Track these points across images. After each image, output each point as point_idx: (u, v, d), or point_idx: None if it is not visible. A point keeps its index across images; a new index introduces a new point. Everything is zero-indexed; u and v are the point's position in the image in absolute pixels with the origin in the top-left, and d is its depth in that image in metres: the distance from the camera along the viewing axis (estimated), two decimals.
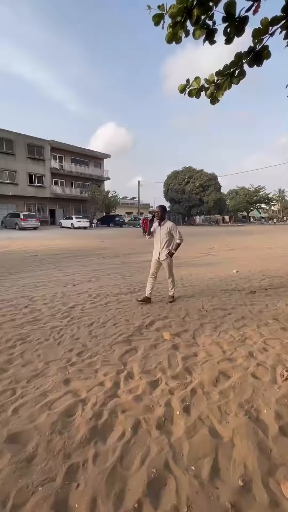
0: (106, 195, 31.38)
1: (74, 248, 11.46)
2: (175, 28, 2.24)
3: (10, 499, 1.27)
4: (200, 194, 37.37)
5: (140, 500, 1.27)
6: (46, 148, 29.28)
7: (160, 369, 2.41)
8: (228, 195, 50.91)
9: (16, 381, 2.21)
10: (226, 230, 29.64)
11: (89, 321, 3.54)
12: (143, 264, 7.91)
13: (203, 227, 37.41)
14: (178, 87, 2.51)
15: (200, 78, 2.46)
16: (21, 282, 5.55)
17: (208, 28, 2.21)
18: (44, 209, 30.60)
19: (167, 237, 4.09)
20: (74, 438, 1.64)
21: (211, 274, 6.55)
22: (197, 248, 12.30)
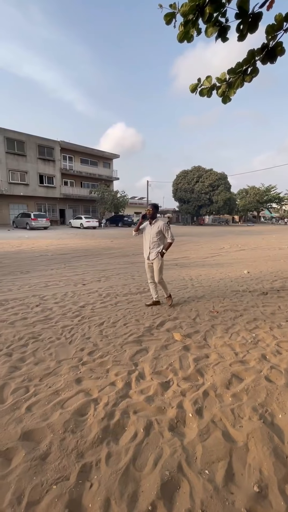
0: (115, 195, 31.48)
1: (83, 248, 11.56)
2: (186, 27, 2.22)
3: (25, 496, 1.29)
4: (210, 194, 37.01)
5: (154, 502, 1.26)
6: (56, 149, 29.65)
7: (171, 370, 2.40)
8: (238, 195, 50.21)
9: (29, 379, 2.24)
10: (236, 230, 29.25)
11: (99, 320, 3.55)
12: None
13: (213, 227, 37.04)
14: (189, 87, 2.48)
15: (212, 76, 2.43)
16: (32, 281, 5.64)
17: (220, 26, 2.19)
18: (54, 209, 31.00)
19: (158, 236, 3.87)
20: (87, 437, 1.65)
21: (221, 275, 6.47)
22: (207, 248, 12.18)
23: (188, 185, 38.20)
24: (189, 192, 38.05)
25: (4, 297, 4.51)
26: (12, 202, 27.27)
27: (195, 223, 42.02)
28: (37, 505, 1.25)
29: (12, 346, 2.81)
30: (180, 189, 38.75)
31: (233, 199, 39.52)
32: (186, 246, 13.01)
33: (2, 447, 1.57)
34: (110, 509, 1.24)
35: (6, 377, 2.27)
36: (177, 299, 4.53)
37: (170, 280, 5.86)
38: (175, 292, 4.96)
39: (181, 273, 6.64)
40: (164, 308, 4.06)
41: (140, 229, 4.01)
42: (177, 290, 5.06)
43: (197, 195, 37.37)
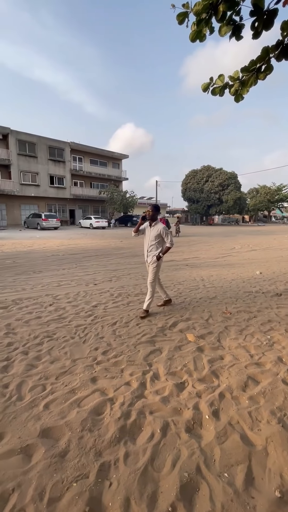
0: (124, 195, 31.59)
1: (93, 248, 11.65)
2: (199, 26, 2.20)
3: (46, 492, 1.31)
4: (219, 193, 36.61)
5: (174, 503, 1.26)
6: (66, 150, 30.01)
7: (186, 371, 2.39)
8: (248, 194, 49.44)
9: (46, 378, 2.28)
10: (246, 230, 28.83)
11: (112, 320, 3.58)
12: (162, 265, 7.87)
13: (222, 227, 36.63)
14: (201, 86, 2.46)
15: (224, 75, 2.40)
16: (45, 281, 5.73)
17: (234, 24, 2.16)
18: (64, 210, 31.38)
19: (156, 240, 3.66)
20: (104, 436, 1.66)
21: (233, 275, 6.39)
22: (217, 248, 12.05)
23: (197, 184, 37.91)
24: (199, 191, 37.75)
25: (19, 296, 4.60)
26: (23, 203, 27.78)
27: (204, 223, 41.67)
28: (58, 502, 1.27)
29: (28, 345, 2.86)
30: (189, 189, 38.50)
31: (243, 199, 38.94)
32: (196, 246, 12.92)
33: (22, 443, 1.60)
34: (130, 508, 1.25)
35: (23, 374, 2.31)
36: (189, 299, 4.51)
37: (181, 281, 5.84)
38: (187, 292, 4.93)
39: (192, 274, 6.60)
40: (176, 309, 4.04)
41: (140, 230, 3.82)
42: (189, 291, 5.03)
43: (206, 195, 37.03)
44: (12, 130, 25.44)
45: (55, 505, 1.26)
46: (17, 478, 1.38)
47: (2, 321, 3.49)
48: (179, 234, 19.09)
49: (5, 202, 26.37)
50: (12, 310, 3.92)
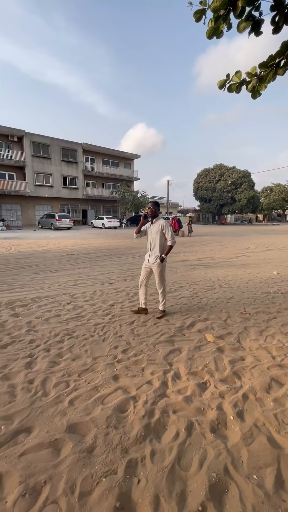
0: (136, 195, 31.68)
1: (107, 248, 11.76)
2: (217, 23, 2.17)
3: (77, 486, 1.34)
4: (232, 192, 36.05)
5: (204, 503, 1.26)
6: (79, 151, 30.42)
7: (207, 371, 2.37)
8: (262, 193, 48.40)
9: (69, 374, 2.33)
10: (260, 229, 28.24)
11: (129, 319, 3.60)
12: (176, 265, 7.85)
13: (235, 226, 36.04)
14: (218, 83, 2.43)
15: (241, 71, 2.36)
16: (61, 280, 5.83)
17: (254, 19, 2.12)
18: (77, 210, 31.84)
19: (158, 236, 3.52)
20: (130, 434, 1.68)
21: (250, 276, 6.28)
22: (231, 248, 11.88)
23: (209, 183, 37.48)
24: (211, 190, 37.32)
25: (37, 294, 4.71)
26: (37, 204, 28.39)
27: (216, 222, 41.15)
28: (89, 496, 1.30)
29: (49, 342, 2.93)
30: (202, 188, 38.12)
31: (257, 197, 38.18)
32: (209, 246, 12.78)
33: (50, 437, 1.64)
34: (160, 506, 1.26)
35: (47, 371, 2.37)
36: (206, 300, 4.47)
37: (196, 280, 5.80)
38: (203, 292, 4.89)
39: (207, 274, 6.54)
40: (193, 309, 4.02)
41: (142, 230, 3.68)
42: (205, 291, 4.99)
43: (219, 194, 36.56)
44: (26, 132, 26.05)
45: (86, 499, 1.28)
46: (48, 471, 1.42)
47: (23, 318, 3.59)
48: (191, 234, 18.96)
49: (20, 203, 27.05)
50: (32, 308, 4.02)
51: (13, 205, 26.76)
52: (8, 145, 25.86)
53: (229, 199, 36.32)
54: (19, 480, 1.37)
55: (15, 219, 26.65)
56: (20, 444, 1.60)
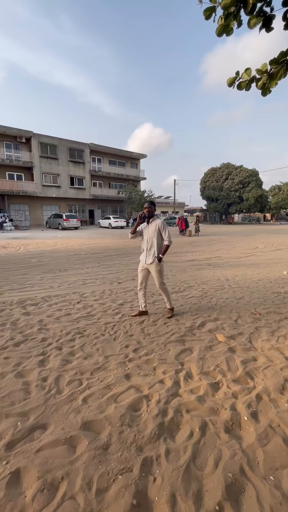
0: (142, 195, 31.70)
1: (114, 247, 11.81)
2: (227, 20, 2.16)
3: (94, 483, 1.35)
4: (240, 191, 35.67)
5: (221, 503, 1.26)
6: (86, 151, 30.61)
7: (219, 371, 2.36)
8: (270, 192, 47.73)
9: (81, 373, 2.35)
10: (268, 228, 27.88)
11: (139, 319, 3.61)
12: (184, 264, 7.83)
13: (243, 225, 35.68)
14: (227, 81, 2.41)
15: (251, 68, 2.34)
16: (70, 279, 5.89)
17: (265, 15, 2.09)
18: (83, 210, 32.06)
19: (155, 235, 3.47)
20: (144, 432, 1.69)
21: (259, 276, 6.21)
22: (240, 248, 11.77)
23: (216, 182, 37.19)
24: (218, 190, 37.01)
25: (47, 293, 4.77)
26: (45, 204, 28.70)
27: (224, 221, 40.80)
28: (106, 493, 1.31)
29: (61, 340, 2.96)
30: (208, 187, 37.85)
31: (265, 196, 37.69)
32: (217, 245, 12.70)
33: (66, 434, 1.66)
34: (177, 504, 1.26)
35: (59, 369, 2.40)
36: (215, 299, 4.45)
37: (205, 280, 5.77)
38: (212, 292, 4.87)
39: (215, 273, 6.50)
40: (203, 309, 4.01)
41: (137, 230, 3.60)
42: (214, 291, 4.96)
43: (226, 193, 36.23)
44: (34, 133, 26.34)
45: (103, 496, 1.30)
46: (64, 467, 1.44)
47: (35, 317, 3.64)
48: (198, 233, 18.85)
49: (28, 203, 27.40)
50: (43, 307, 4.07)
51: (22, 205, 27.13)
52: (16, 146, 26.23)
53: (236, 198, 35.96)
54: (37, 476, 1.39)
55: (24, 219, 27.00)
56: (36, 440, 1.63)
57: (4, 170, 25.82)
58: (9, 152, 25.61)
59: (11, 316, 3.65)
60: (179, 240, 15.20)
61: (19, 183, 25.51)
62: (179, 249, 11.33)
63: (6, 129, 24.70)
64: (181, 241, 14.89)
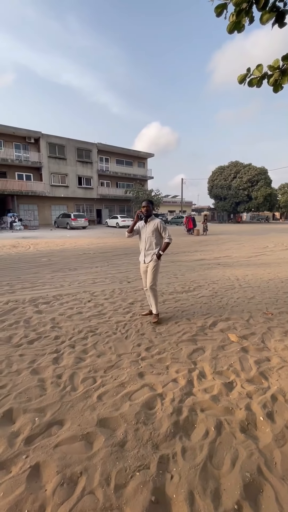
0: (150, 194, 31.68)
1: (122, 246, 11.84)
2: (239, 16, 2.13)
3: (112, 479, 1.37)
4: (248, 190, 35.25)
5: (239, 502, 1.26)
6: (93, 151, 30.78)
7: (232, 371, 2.35)
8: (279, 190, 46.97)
9: (95, 370, 2.38)
10: (278, 227, 27.45)
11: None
12: (193, 264, 7.80)
13: (251, 224, 35.23)
14: (238, 78, 2.38)
15: (263, 65, 2.31)
16: (80, 278, 5.95)
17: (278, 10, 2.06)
18: (91, 209, 32.27)
19: (154, 235, 3.40)
20: (159, 430, 1.70)
21: (270, 275, 6.13)
22: (249, 247, 11.63)
23: (224, 181, 36.84)
24: (226, 188, 36.65)
25: (58, 292, 4.83)
26: (53, 204, 29.02)
27: (232, 220, 40.38)
28: (124, 489, 1.33)
29: (73, 338, 3.00)
30: (216, 186, 37.53)
31: (274, 195, 37.10)
32: (226, 244, 12.58)
33: (83, 430, 1.69)
34: (195, 502, 1.27)
35: (73, 367, 2.44)
36: (226, 299, 4.42)
37: (215, 280, 5.74)
38: (222, 292, 4.84)
39: (225, 273, 6.45)
40: (214, 308, 3.99)
41: (135, 229, 3.54)
42: (224, 290, 4.93)
43: (234, 192, 35.85)
44: (43, 134, 26.64)
45: (121, 491, 1.31)
46: (82, 462, 1.47)
47: (47, 315, 3.70)
48: (206, 233, 18.73)
49: (36, 203, 27.75)
50: (54, 305, 4.13)
51: (31, 205, 27.50)
52: (25, 146, 26.59)
53: (245, 197, 35.55)
54: (56, 470, 1.42)
55: (32, 218, 27.36)
56: (54, 436, 1.66)
57: (14, 170, 26.22)
58: (18, 152, 26.00)
59: (24, 314, 3.72)
60: (187, 239, 15.13)
61: (28, 183, 25.86)
62: (187, 248, 11.28)
63: (15, 130, 25.06)
64: (189, 240, 14.82)
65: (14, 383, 2.17)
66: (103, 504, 1.25)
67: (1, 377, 2.26)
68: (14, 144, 25.98)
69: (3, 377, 2.25)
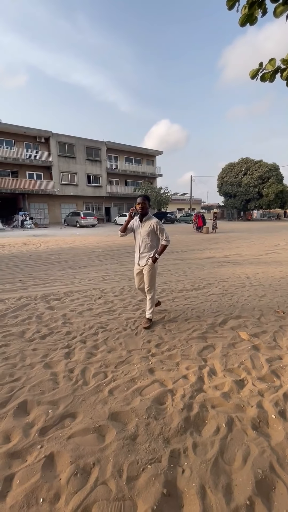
0: (158, 192, 31.58)
1: (131, 244, 11.84)
2: (251, 9, 2.09)
3: (124, 471, 1.40)
4: (259, 187, 34.60)
5: (251, 498, 1.26)
6: (102, 149, 30.89)
7: (243, 369, 2.34)
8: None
9: (106, 366, 2.41)
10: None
11: (160, 315, 3.63)
12: (202, 262, 7.74)
13: (262, 222, 34.61)
14: (250, 73, 2.34)
15: (275, 59, 2.26)
16: (90, 275, 6.02)
17: None
18: (100, 208, 32.46)
19: (149, 237, 3.12)
20: (170, 425, 1.71)
21: (282, 273, 6.03)
22: (260, 245, 11.45)
23: (234, 178, 36.29)
24: (236, 185, 36.11)
25: (69, 289, 4.91)
26: (63, 202, 29.34)
27: (242, 218, 39.78)
28: (136, 481, 1.35)
29: (84, 334, 3.04)
30: (226, 183, 37.03)
31: (286, 192, 36.26)
32: (236, 242, 12.42)
33: (95, 423, 1.72)
34: (207, 496, 1.28)
35: (85, 361, 2.48)
36: (236, 297, 4.38)
37: (225, 278, 5.69)
38: (233, 290, 4.79)
39: (235, 271, 6.38)
40: (224, 306, 3.96)
41: (128, 228, 3.24)
42: (235, 288, 4.88)
43: (244, 189, 35.28)
44: (53, 133, 26.92)
45: (133, 483, 1.34)
46: (95, 454, 1.50)
47: (58, 311, 3.77)
48: (216, 230, 18.54)
49: (47, 202, 28.14)
50: (65, 301, 4.20)
51: (41, 204, 27.90)
52: (36, 146, 26.95)
53: (255, 194, 34.92)
54: (70, 460, 1.46)
55: (43, 217, 27.77)
56: (67, 428, 1.70)
57: (25, 170, 26.64)
58: (29, 152, 26.37)
59: (36, 310, 3.80)
60: (197, 237, 15.02)
61: (38, 182, 26.23)
62: (196, 246, 11.20)
63: (26, 130, 25.43)
64: (199, 238, 14.71)
65: (28, 376, 2.23)
66: (116, 494, 1.28)
67: (15, 370, 2.33)
68: (25, 144, 26.36)
69: (17, 370, 2.32)
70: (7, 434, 1.65)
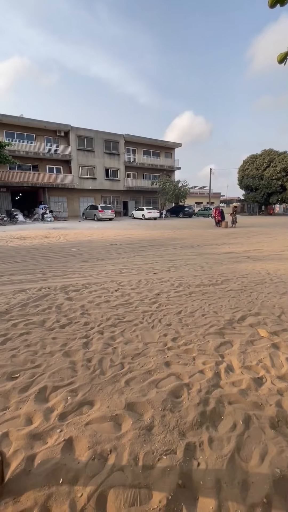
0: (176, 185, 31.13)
1: (148, 238, 11.86)
2: None
3: (140, 459, 1.43)
4: (282, 180, 33.10)
5: (269, 496, 1.24)
6: (120, 143, 30.83)
7: (262, 366, 2.29)
8: None
9: (123, 357, 2.45)
10: None
11: (176, 309, 3.62)
12: (221, 257, 7.59)
13: (285, 217, 33.16)
14: (277, 57, 2.18)
15: None
16: (108, 268, 6.09)
17: None
18: (118, 201, 32.62)
19: None
20: (186, 418, 1.72)
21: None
22: (282, 240, 11.01)
23: (256, 171, 34.92)
24: (258, 178, 34.77)
25: (87, 281, 5.01)
26: (82, 196, 29.79)
27: (263, 212, 38.36)
28: (152, 470, 1.37)
29: (102, 325, 3.11)
30: (247, 176, 35.75)
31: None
32: (256, 237, 12.03)
33: (111, 412, 1.77)
34: (223, 490, 1.27)
35: (102, 352, 2.53)
36: (256, 294, 4.26)
37: (244, 274, 5.54)
38: (252, 286, 4.66)
39: (255, 267, 6.19)
40: (243, 303, 3.86)
41: None
42: (254, 285, 4.75)
43: (267, 182, 33.89)
44: (72, 127, 27.20)
45: (149, 472, 1.36)
46: (112, 441, 1.54)
47: (77, 302, 3.86)
48: (235, 225, 18.05)
49: (66, 195, 28.70)
50: (84, 293, 4.29)
51: (60, 198, 28.51)
52: (56, 140, 27.41)
53: (278, 187, 33.46)
54: (88, 446, 1.51)
55: (62, 210, 28.39)
56: (85, 415, 1.76)
57: (45, 163, 27.25)
58: (49, 146, 26.90)
59: (56, 301, 3.92)
60: (215, 232, 14.71)
61: (58, 176, 26.75)
62: (215, 241, 10.98)
63: (47, 124, 25.88)
64: (217, 232, 14.40)
65: (48, 364, 2.32)
66: (132, 481, 1.31)
67: (36, 357, 2.43)
68: (45, 138, 26.88)
69: (38, 358, 2.42)
70: (29, 416, 1.74)
